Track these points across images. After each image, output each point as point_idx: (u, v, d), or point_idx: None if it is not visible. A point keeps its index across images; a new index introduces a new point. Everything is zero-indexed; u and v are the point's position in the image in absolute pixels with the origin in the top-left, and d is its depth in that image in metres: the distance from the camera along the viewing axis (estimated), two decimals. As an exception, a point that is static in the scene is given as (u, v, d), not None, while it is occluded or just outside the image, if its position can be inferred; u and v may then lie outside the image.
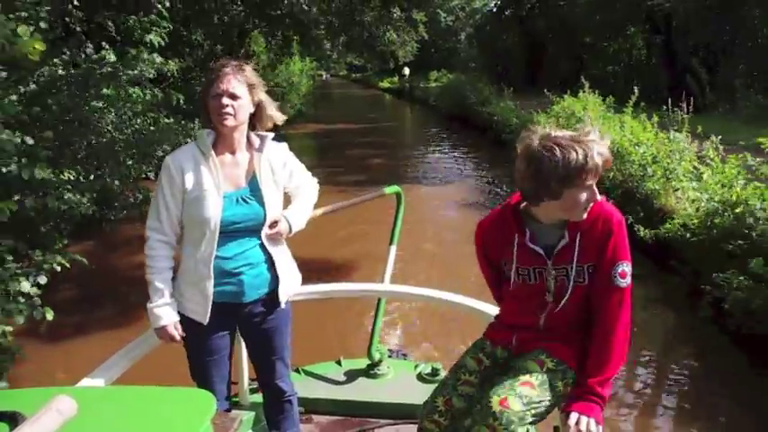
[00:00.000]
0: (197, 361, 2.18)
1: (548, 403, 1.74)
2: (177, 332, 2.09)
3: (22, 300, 4.31)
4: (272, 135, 2.19)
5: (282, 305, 2.21)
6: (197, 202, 2.03)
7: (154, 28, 9.91)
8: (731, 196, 5.20)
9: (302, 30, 19.09)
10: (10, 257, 4.41)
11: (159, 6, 9.93)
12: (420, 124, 25.25)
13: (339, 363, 3.25)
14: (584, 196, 1.70)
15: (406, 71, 39.55)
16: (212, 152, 2.07)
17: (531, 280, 1.83)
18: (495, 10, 32.68)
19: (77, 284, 6.54)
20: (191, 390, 1.25)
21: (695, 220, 5.60)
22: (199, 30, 16.25)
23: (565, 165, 1.65)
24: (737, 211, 5.08)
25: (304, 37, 20.46)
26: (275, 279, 2.17)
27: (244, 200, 2.08)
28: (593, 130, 1.73)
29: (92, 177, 6.92)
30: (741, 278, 4.39)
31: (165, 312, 2.06)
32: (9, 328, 4.12)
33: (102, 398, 1.23)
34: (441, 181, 13.00)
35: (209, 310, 2.08)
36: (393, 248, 3.19)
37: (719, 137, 6.18)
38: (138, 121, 8.81)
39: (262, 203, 2.10)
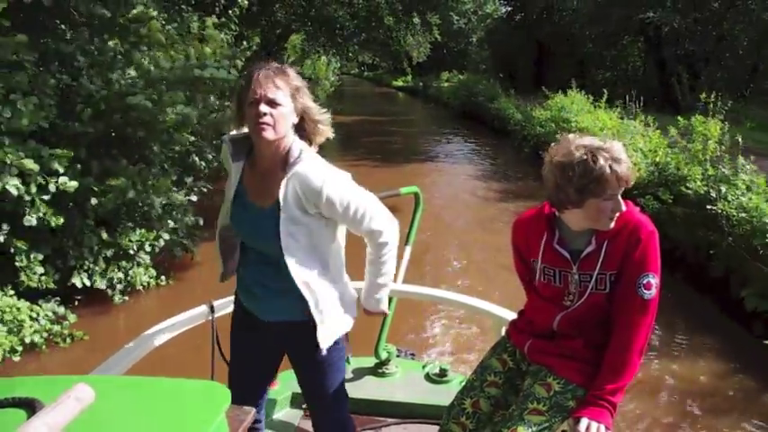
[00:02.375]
0: (232, 362, 2.10)
1: (560, 420, 1.78)
2: None
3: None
4: (308, 152, 1.85)
5: (322, 350, 1.91)
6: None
7: (225, 29, 12.54)
8: (654, 159, 7.71)
9: (332, 31, 21.65)
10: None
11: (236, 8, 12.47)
12: (434, 118, 27.69)
13: (348, 360, 3.24)
14: (606, 206, 1.71)
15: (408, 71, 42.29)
16: (242, 158, 1.90)
17: (555, 282, 1.85)
18: (505, 16, 34.84)
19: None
20: (206, 382, 1.27)
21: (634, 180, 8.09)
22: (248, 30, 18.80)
23: (581, 175, 1.67)
24: (660, 168, 7.58)
25: (331, 37, 22.97)
26: (294, 310, 1.90)
27: (260, 221, 1.87)
28: (615, 142, 1.73)
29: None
30: (653, 201, 6.91)
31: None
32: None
33: (120, 387, 1.25)
34: (454, 160, 15.67)
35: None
36: (408, 249, 3.14)
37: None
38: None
39: (277, 233, 1.82)
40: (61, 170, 4.79)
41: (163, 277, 6.31)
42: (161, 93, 5.39)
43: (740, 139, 6.61)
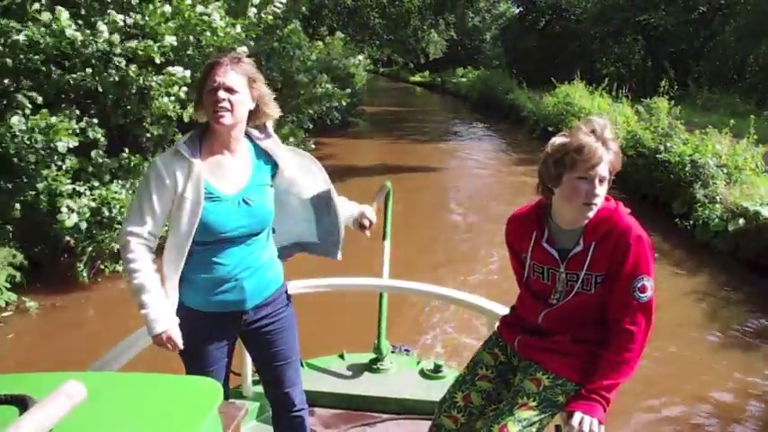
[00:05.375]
0: (195, 371, 2.00)
1: (549, 415, 1.81)
2: (178, 337, 1.90)
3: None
4: (270, 123, 2.05)
5: (287, 303, 2.13)
6: (180, 211, 1.88)
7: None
8: (627, 128, 11.00)
9: (366, 33, 25.03)
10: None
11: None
12: (453, 109, 30.74)
13: (342, 356, 3.27)
14: (581, 186, 1.73)
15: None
16: (198, 158, 1.91)
17: (543, 279, 1.88)
18: (517, 17, 37.51)
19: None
20: (199, 378, 1.27)
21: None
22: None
23: (558, 148, 1.76)
24: (631, 134, 10.85)
25: (365, 38, 26.30)
26: (276, 278, 2.08)
27: (245, 202, 1.94)
28: (607, 126, 1.77)
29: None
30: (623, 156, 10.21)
31: (162, 317, 1.88)
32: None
33: (112, 384, 1.25)
34: (478, 141, 19.19)
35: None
36: (387, 243, 3.22)
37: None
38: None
39: (266, 201, 1.98)
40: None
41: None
42: (314, 76, 8.90)
43: (678, 113, 9.89)
